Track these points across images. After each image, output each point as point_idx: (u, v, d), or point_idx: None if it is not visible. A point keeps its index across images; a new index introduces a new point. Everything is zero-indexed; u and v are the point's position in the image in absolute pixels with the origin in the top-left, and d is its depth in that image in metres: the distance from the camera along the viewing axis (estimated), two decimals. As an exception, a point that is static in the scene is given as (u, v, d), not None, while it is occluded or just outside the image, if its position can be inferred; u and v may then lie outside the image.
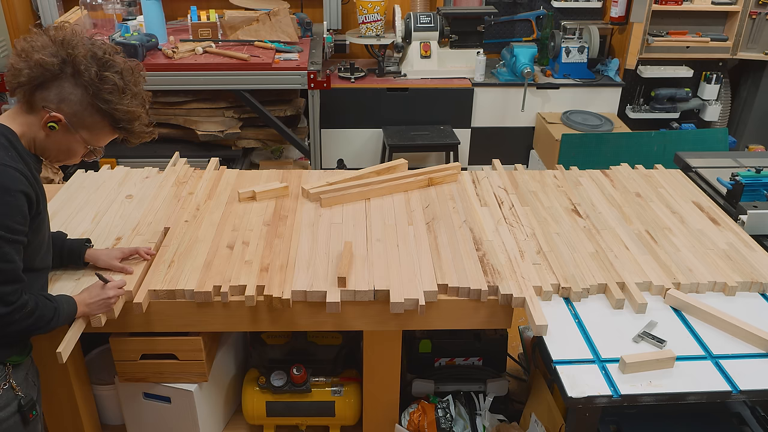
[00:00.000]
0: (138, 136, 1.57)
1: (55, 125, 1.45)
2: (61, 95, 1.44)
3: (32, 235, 1.48)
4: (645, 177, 2.49)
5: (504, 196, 2.32)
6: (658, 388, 1.53)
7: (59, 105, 1.44)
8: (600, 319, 1.75)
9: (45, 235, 1.57)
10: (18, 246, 1.42)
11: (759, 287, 1.87)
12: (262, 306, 1.81)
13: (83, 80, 1.44)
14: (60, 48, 1.43)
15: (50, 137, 1.47)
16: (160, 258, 1.92)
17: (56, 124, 1.45)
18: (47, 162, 1.55)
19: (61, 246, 1.81)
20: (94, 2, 3.68)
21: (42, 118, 1.44)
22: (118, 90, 1.46)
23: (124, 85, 1.48)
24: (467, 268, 1.89)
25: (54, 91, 1.44)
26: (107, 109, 1.47)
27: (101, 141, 1.55)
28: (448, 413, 2.10)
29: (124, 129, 1.53)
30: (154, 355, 1.93)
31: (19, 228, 1.40)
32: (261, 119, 3.57)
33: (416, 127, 4.17)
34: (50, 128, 1.45)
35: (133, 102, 1.50)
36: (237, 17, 3.69)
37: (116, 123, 1.50)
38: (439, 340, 2.16)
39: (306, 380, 2.11)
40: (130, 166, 2.53)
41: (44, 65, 1.41)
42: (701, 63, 4.43)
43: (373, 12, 4.15)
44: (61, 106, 1.44)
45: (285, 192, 2.29)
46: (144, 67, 1.60)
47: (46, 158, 1.53)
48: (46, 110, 1.44)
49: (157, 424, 2.08)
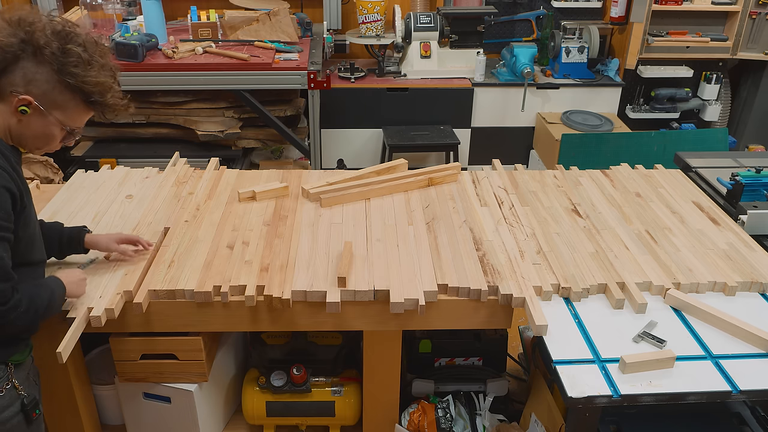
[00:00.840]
0: (112, 108, 1.51)
1: (26, 109, 1.40)
2: (27, 76, 1.38)
3: (22, 230, 1.45)
4: (645, 177, 2.49)
5: (504, 196, 2.32)
6: (658, 388, 1.53)
7: (27, 87, 1.39)
8: (600, 319, 1.75)
9: (35, 228, 1.55)
10: (5, 243, 1.39)
11: (759, 287, 1.87)
12: (262, 306, 1.81)
13: (46, 57, 1.38)
14: (17, 28, 1.37)
15: (23, 123, 1.42)
16: (160, 258, 1.91)
17: (27, 107, 1.39)
18: (26, 151, 1.50)
19: (60, 235, 1.79)
20: (94, 2, 3.68)
21: (12, 104, 1.39)
22: (83, 62, 1.41)
23: (89, 56, 1.42)
24: (467, 268, 1.89)
25: (18, 74, 1.38)
26: (76, 84, 1.41)
27: (77, 120, 1.49)
28: (448, 413, 2.10)
29: (97, 103, 1.47)
30: (154, 355, 1.93)
31: (4, 224, 1.38)
32: (261, 119, 3.57)
33: (416, 127, 4.17)
34: (21, 113, 1.40)
35: (101, 73, 1.44)
36: (237, 17, 3.69)
37: (88, 98, 1.45)
38: (439, 340, 2.16)
39: (306, 380, 2.11)
40: (130, 166, 2.53)
41: (3, 47, 1.35)
42: (701, 63, 4.43)
43: (373, 12, 4.15)
44: (29, 88, 1.39)
45: (285, 192, 2.29)
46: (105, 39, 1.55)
47: (25, 147, 1.49)
48: (14, 95, 1.38)
49: (157, 424, 2.08)
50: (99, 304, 1.71)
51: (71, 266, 1.84)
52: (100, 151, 3.61)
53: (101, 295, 1.74)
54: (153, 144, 3.66)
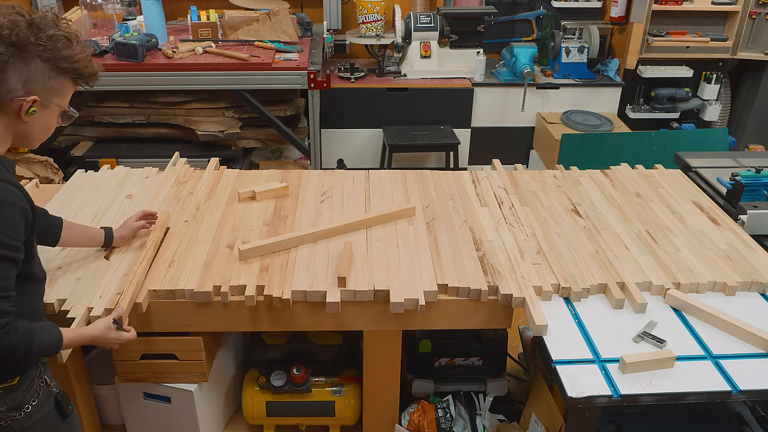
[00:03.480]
0: (95, 76, 1.49)
1: (34, 109, 1.38)
2: (23, 77, 1.35)
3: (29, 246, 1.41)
4: (645, 177, 2.49)
5: (504, 196, 2.32)
6: (658, 388, 1.53)
7: (27, 88, 1.36)
8: (600, 319, 1.75)
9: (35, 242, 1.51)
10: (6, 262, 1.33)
11: (759, 287, 1.87)
12: (262, 306, 1.81)
13: (34, 51, 1.35)
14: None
15: (30, 123, 1.40)
16: (160, 258, 1.91)
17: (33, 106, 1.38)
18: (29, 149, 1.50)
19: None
20: (94, 2, 3.68)
21: (16, 110, 1.37)
22: (68, 43, 1.39)
23: (67, 34, 1.40)
24: (467, 268, 1.89)
25: (13, 78, 1.35)
26: (69, 66, 1.40)
27: (68, 99, 1.47)
28: (448, 413, 2.10)
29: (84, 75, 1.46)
30: (154, 355, 1.93)
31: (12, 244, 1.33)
32: (261, 119, 3.57)
33: (416, 127, 4.17)
34: (32, 114, 1.38)
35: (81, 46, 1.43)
36: (237, 17, 3.69)
37: (79, 74, 1.43)
38: (439, 340, 2.16)
39: (306, 380, 2.11)
40: (130, 166, 2.53)
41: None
42: (701, 63, 4.43)
43: (373, 12, 4.15)
44: (29, 88, 1.37)
45: (285, 192, 2.29)
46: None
47: (31, 145, 1.47)
48: (16, 101, 1.36)
49: (157, 424, 2.08)
50: (99, 304, 1.71)
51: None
52: (100, 151, 3.61)
53: (101, 295, 1.74)
54: (153, 144, 3.66)
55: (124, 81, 3.31)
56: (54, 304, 1.72)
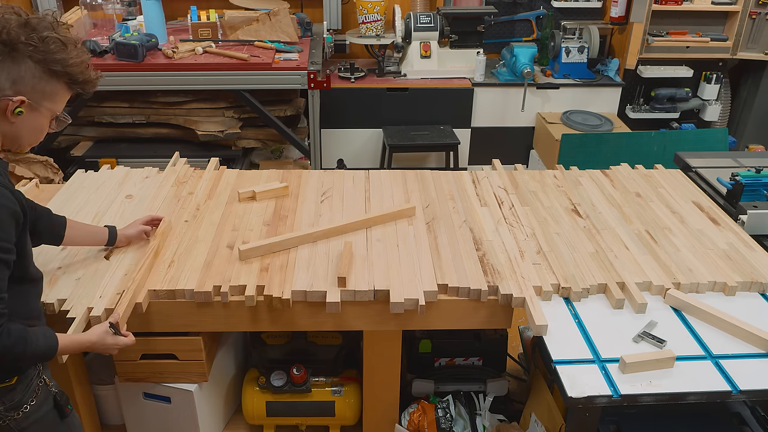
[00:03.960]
0: (92, 84, 1.47)
1: (21, 109, 1.35)
2: (12, 77, 1.33)
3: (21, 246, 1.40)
4: (645, 177, 2.49)
5: (504, 196, 2.32)
6: (658, 388, 1.53)
7: (15, 88, 1.34)
8: (600, 319, 1.75)
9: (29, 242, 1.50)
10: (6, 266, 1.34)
11: (759, 287, 1.87)
12: (262, 306, 1.81)
13: (25, 51, 1.33)
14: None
15: (18, 125, 1.38)
16: (160, 258, 1.91)
17: (20, 107, 1.35)
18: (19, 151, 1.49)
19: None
20: (94, 2, 3.68)
21: (4, 109, 1.35)
22: (62, 46, 1.36)
23: (64, 38, 1.36)
24: (467, 268, 1.89)
25: (2, 76, 1.32)
26: (62, 70, 1.37)
27: (62, 104, 1.45)
28: (448, 413, 2.10)
29: (80, 81, 1.43)
30: (154, 355, 1.93)
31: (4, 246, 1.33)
32: (261, 119, 3.57)
33: (416, 127, 4.17)
34: (18, 114, 1.36)
35: (78, 51, 1.41)
36: (237, 17, 3.69)
37: (73, 79, 1.41)
38: (439, 340, 2.16)
39: (306, 380, 2.11)
40: (130, 166, 2.53)
41: None
42: (701, 63, 4.43)
43: (373, 12, 4.15)
44: (18, 88, 1.34)
45: (285, 192, 2.29)
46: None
47: (20, 147, 1.45)
48: (5, 100, 1.34)
49: (157, 424, 2.08)
50: (99, 305, 1.71)
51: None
52: (100, 151, 3.61)
53: (101, 295, 1.74)
54: (153, 144, 3.66)
55: (124, 81, 3.31)
56: (54, 304, 1.72)
